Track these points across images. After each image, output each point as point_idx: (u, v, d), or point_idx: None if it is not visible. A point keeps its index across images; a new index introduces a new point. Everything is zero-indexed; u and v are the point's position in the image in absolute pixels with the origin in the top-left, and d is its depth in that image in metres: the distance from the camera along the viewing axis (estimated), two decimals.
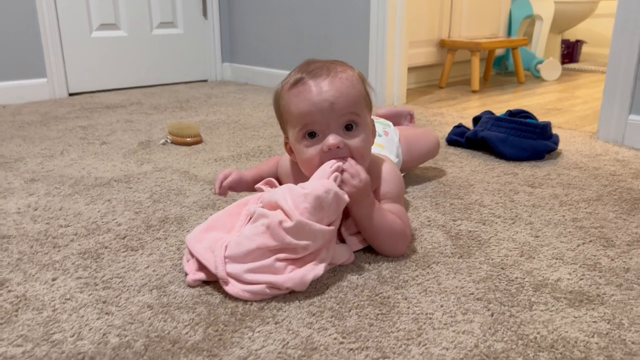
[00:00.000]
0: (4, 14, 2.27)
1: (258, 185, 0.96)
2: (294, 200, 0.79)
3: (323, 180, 0.82)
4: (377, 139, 1.15)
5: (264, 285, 0.77)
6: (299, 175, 0.94)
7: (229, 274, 0.78)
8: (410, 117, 1.47)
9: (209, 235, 0.85)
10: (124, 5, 2.62)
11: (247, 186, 1.03)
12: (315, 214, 0.79)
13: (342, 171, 0.84)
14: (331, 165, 0.84)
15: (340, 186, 0.83)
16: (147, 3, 2.70)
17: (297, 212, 0.78)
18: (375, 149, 1.10)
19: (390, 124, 1.26)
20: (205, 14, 2.90)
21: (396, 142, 1.20)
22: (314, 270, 0.79)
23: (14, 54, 2.33)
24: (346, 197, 0.82)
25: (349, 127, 0.87)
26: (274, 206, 0.81)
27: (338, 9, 2.37)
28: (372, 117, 1.24)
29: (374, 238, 0.90)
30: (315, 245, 0.80)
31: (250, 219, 0.85)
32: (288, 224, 0.77)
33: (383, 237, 0.89)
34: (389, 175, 0.96)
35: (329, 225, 0.81)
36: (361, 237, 0.92)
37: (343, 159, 0.86)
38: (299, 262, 0.80)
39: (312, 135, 0.87)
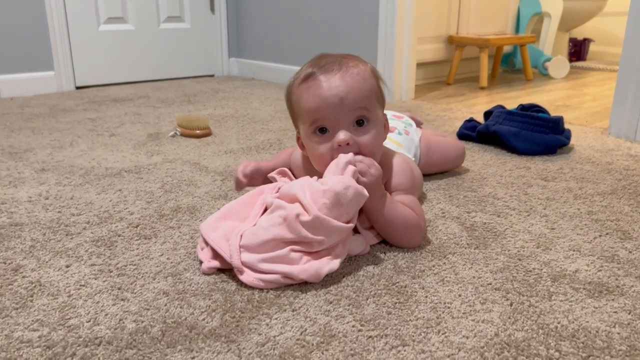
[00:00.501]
0: (13, 8, 2.27)
1: (271, 175, 0.95)
2: (313, 195, 0.78)
3: (342, 176, 0.81)
4: (396, 137, 1.15)
5: (278, 275, 0.77)
6: (311, 169, 0.93)
7: (243, 263, 0.77)
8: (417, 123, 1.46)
9: (224, 223, 0.84)
10: None
11: (266, 178, 1.02)
12: (333, 210, 0.78)
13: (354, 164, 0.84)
14: (344, 160, 0.83)
15: (357, 180, 0.82)
16: None
17: (316, 207, 0.77)
18: (392, 147, 1.10)
19: (414, 123, 1.25)
20: (212, 8, 2.89)
21: (416, 142, 1.19)
22: (330, 264, 0.79)
23: (22, 47, 2.32)
24: (365, 193, 0.81)
25: (360, 123, 0.86)
26: (292, 199, 0.80)
27: (346, 4, 2.36)
28: (396, 114, 1.25)
29: (387, 230, 0.89)
30: (330, 241, 0.79)
31: (266, 209, 0.85)
32: (305, 217, 0.76)
33: (396, 229, 0.88)
34: (400, 167, 0.95)
35: (347, 222, 0.80)
36: (376, 232, 0.91)
37: (355, 154, 0.85)
38: (314, 254, 0.79)
39: (322, 130, 0.86)
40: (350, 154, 0.84)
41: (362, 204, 0.82)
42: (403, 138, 1.16)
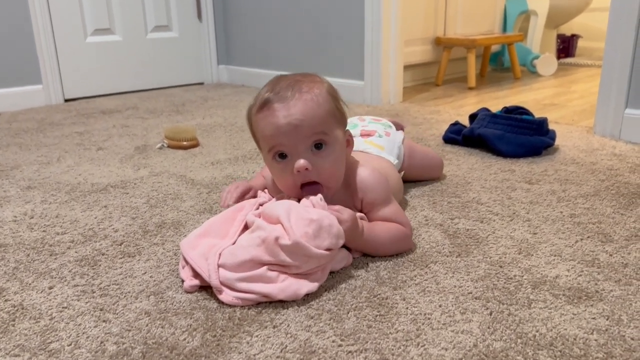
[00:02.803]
0: None
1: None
2: (297, 221, 0.78)
3: (327, 212, 0.82)
4: (377, 140, 1.15)
5: (257, 295, 0.77)
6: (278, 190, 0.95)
7: (222, 282, 0.78)
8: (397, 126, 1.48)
9: (203, 241, 0.84)
10: (118, 10, 2.62)
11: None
12: (315, 240, 0.78)
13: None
14: (318, 204, 0.84)
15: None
16: (142, 7, 2.70)
17: (298, 233, 0.77)
18: (374, 150, 1.11)
19: (392, 125, 1.25)
20: (199, 16, 2.89)
21: (398, 142, 1.18)
22: (308, 285, 0.79)
23: (9, 61, 2.32)
24: (342, 240, 0.82)
25: (318, 146, 0.87)
26: (274, 220, 0.80)
27: (333, 9, 2.37)
28: (375, 117, 1.25)
29: (378, 253, 0.91)
30: (307, 267, 0.79)
31: (246, 226, 0.85)
32: (285, 241, 0.76)
33: (387, 249, 0.91)
34: (371, 180, 0.94)
35: (327, 249, 0.80)
36: None
37: (317, 185, 0.87)
38: (292, 274, 0.80)
39: (282, 156, 0.87)
40: (319, 197, 0.85)
41: (340, 244, 0.82)
42: (384, 140, 1.16)
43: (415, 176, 1.27)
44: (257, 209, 0.87)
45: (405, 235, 0.92)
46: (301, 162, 0.85)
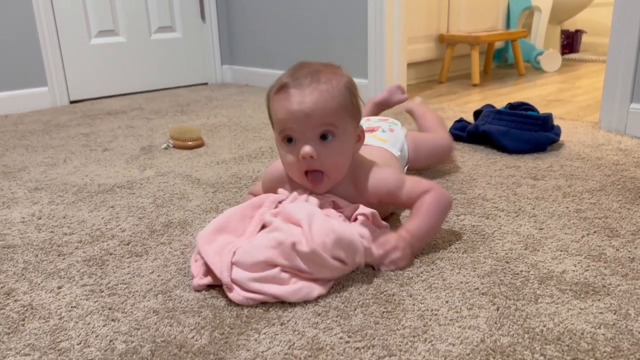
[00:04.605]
0: (3, 25, 2.28)
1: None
2: (318, 229, 0.78)
3: (357, 227, 0.82)
4: (380, 134, 1.20)
5: (267, 296, 0.77)
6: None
7: (233, 280, 0.78)
8: (400, 90, 1.54)
9: (220, 237, 0.84)
10: (122, 12, 2.63)
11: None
12: (331, 251, 0.78)
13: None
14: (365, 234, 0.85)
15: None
16: (145, 8, 2.70)
17: (317, 241, 0.77)
18: (377, 143, 1.15)
19: (399, 123, 1.29)
20: (203, 17, 2.90)
21: (401, 139, 1.23)
22: (319, 289, 0.79)
23: (14, 63, 2.33)
24: (360, 260, 0.83)
25: (325, 137, 0.88)
26: (294, 221, 0.80)
27: (335, 8, 2.37)
28: (382, 117, 1.28)
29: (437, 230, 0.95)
30: (320, 276, 0.79)
31: (263, 226, 0.85)
32: (302, 247, 0.76)
33: (438, 221, 0.93)
34: (384, 174, 0.95)
35: (342, 262, 0.80)
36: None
37: (320, 173, 0.89)
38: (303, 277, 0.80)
39: (290, 140, 0.89)
40: (366, 230, 0.86)
41: (358, 263, 0.83)
42: (387, 135, 1.21)
43: (426, 165, 1.32)
44: (276, 207, 0.87)
45: (437, 197, 0.92)
46: (306, 149, 0.87)
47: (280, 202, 0.89)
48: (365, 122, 1.23)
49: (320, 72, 0.88)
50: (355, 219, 0.89)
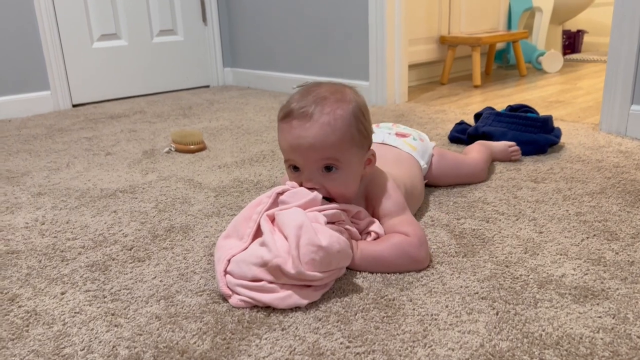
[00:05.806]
0: (5, 29, 2.30)
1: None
2: (305, 247, 0.77)
3: (338, 235, 0.82)
4: (412, 142, 1.18)
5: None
6: None
7: (228, 286, 0.80)
8: None
9: (225, 242, 0.85)
10: (123, 15, 2.64)
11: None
12: (320, 267, 0.78)
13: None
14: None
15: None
16: (147, 12, 2.72)
17: (304, 261, 0.76)
18: (407, 149, 1.15)
19: (426, 136, 1.26)
20: (204, 20, 2.91)
21: (429, 150, 1.22)
22: (309, 295, 0.79)
23: (17, 68, 2.35)
24: (350, 252, 0.84)
25: (329, 168, 0.88)
26: (284, 234, 0.80)
27: (336, 11, 2.38)
28: (406, 128, 1.25)
29: (383, 270, 0.88)
30: (312, 284, 0.80)
31: (259, 226, 0.85)
32: (288, 269, 0.76)
33: (391, 264, 0.88)
34: (389, 191, 0.95)
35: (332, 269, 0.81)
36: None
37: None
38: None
39: (295, 168, 0.90)
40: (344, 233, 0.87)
41: (347, 263, 0.84)
42: (418, 143, 1.20)
43: (445, 184, 1.26)
44: (276, 199, 0.87)
45: (409, 244, 0.87)
46: (309, 184, 0.88)
47: (279, 193, 0.87)
48: (394, 128, 1.22)
49: (325, 100, 0.87)
50: (369, 233, 0.91)
